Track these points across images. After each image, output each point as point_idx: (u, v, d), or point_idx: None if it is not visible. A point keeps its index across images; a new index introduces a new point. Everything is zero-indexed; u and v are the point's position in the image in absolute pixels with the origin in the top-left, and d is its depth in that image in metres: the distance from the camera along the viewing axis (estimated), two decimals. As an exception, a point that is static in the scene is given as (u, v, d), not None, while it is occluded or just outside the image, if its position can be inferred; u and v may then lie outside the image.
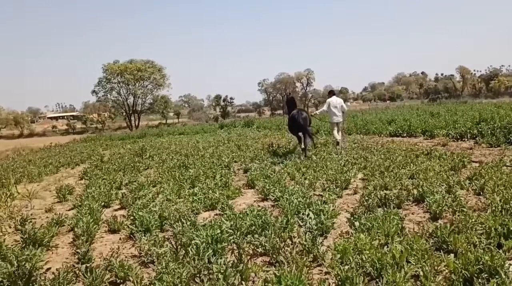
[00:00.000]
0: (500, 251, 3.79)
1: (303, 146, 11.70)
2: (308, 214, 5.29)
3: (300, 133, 11.87)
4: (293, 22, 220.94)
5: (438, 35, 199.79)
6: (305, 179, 8.27)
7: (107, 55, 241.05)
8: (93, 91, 69.16)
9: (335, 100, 12.81)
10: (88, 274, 3.92)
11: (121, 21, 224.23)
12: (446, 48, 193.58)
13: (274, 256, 4.31)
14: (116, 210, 7.29)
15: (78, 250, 4.78)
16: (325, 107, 12.87)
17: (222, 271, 3.70)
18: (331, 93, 13.38)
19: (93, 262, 4.51)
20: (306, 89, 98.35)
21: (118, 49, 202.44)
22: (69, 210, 7.45)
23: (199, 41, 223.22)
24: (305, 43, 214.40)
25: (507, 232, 4.26)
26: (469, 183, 6.88)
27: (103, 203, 7.47)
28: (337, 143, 12.62)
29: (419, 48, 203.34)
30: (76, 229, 5.57)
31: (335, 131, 12.77)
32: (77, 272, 4.08)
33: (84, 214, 6.33)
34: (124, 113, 72.74)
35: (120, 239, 5.61)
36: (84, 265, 4.18)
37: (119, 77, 67.29)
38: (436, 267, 3.58)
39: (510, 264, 3.56)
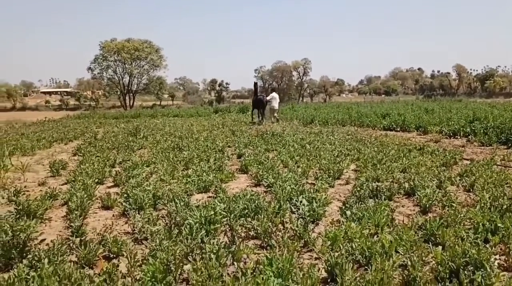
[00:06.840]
0: (487, 245, 3.90)
1: (260, 118, 19.50)
2: (302, 201, 5.36)
3: (261, 110, 19.50)
4: (293, 12, 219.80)
5: (436, 32, 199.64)
6: (298, 167, 8.34)
7: (104, 33, 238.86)
8: (89, 68, 68.46)
9: (274, 94, 20.15)
10: (82, 247, 3.97)
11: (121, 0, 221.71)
12: (444, 46, 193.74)
13: (266, 239, 4.39)
14: (109, 187, 7.32)
15: (72, 224, 4.82)
16: (268, 98, 19.90)
17: (214, 251, 3.76)
18: (273, 90, 22.74)
19: (86, 236, 4.56)
20: (303, 78, 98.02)
21: (115, 28, 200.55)
22: (62, 185, 7.47)
23: (198, 26, 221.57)
24: (304, 33, 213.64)
25: (495, 228, 4.36)
26: (459, 180, 6.98)
27: (96, 180, 7.50)
28: (277, 120, 19.61)
29: (417, 44, 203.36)
30: (70, 203, 5.59)
31: (274, 114, 19.76)
32: (71, 245, 4.13)
33: (78, 189, 6.36)
34: (119, 92, 72.22)
35: (113, 215, 5.65)
36: (78, 238, 4.24)
37: (115, 55, 66.60)
38: (423, 258, 3.67)
39: (495, 259, 3.67)
